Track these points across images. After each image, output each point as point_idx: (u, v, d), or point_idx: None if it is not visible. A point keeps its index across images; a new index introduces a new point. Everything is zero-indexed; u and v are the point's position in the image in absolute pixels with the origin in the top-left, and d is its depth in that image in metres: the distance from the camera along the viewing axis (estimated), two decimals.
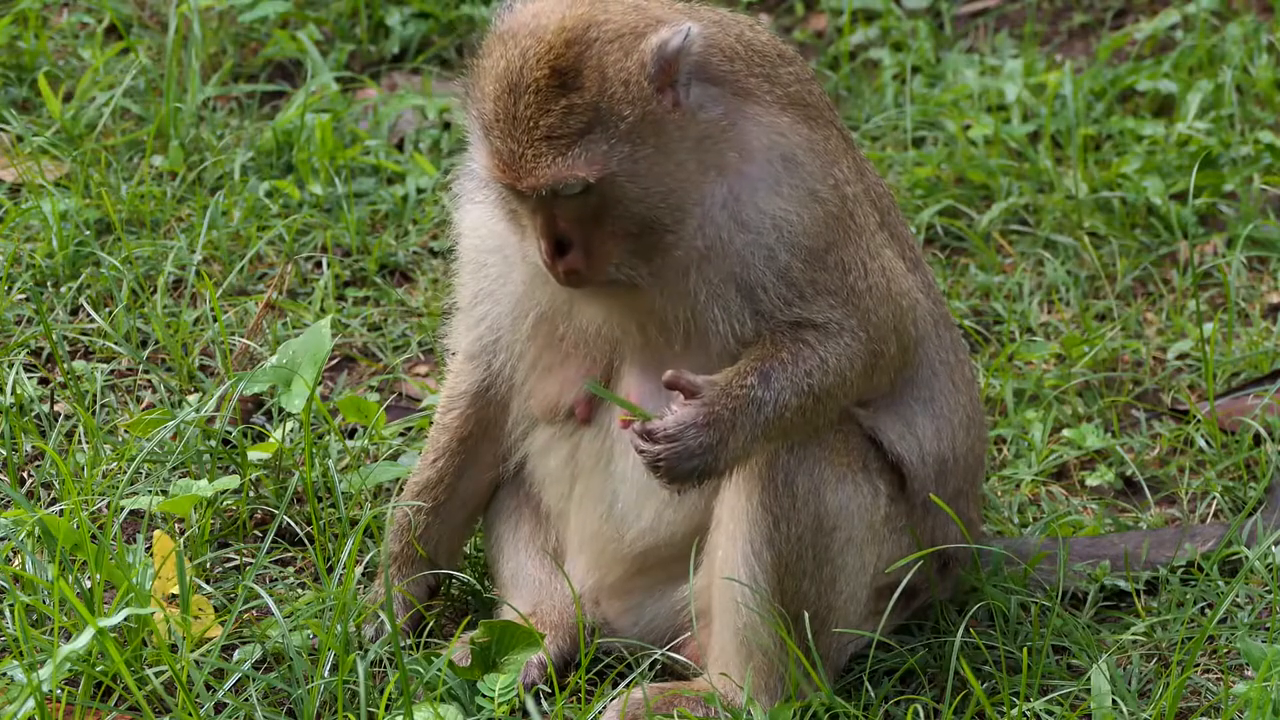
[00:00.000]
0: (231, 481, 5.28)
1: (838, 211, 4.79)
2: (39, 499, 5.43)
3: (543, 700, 4.92)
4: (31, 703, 4.48)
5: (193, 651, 4.78)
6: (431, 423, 5.21)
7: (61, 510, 5.16)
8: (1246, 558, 5.30)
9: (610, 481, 4.98)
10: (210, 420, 5.49)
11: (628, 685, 4.85)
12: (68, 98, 7.20)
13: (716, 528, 4.85)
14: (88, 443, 5.55)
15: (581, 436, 5.00)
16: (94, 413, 5.74)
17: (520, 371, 5.01)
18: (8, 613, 4.94)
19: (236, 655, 4.91)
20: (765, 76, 4.80)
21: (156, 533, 5.07)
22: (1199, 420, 5.95)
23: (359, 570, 5.14)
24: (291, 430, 5.55)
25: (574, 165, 4.57)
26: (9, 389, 5.67)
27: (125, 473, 5.34)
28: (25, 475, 5.53)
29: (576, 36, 4.59)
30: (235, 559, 5.31)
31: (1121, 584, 5.35)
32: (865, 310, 4.79)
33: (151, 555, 4.99)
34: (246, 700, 4.75)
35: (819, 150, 4.80)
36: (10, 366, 5.81)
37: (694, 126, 4.67)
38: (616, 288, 4.75)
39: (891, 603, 4.91)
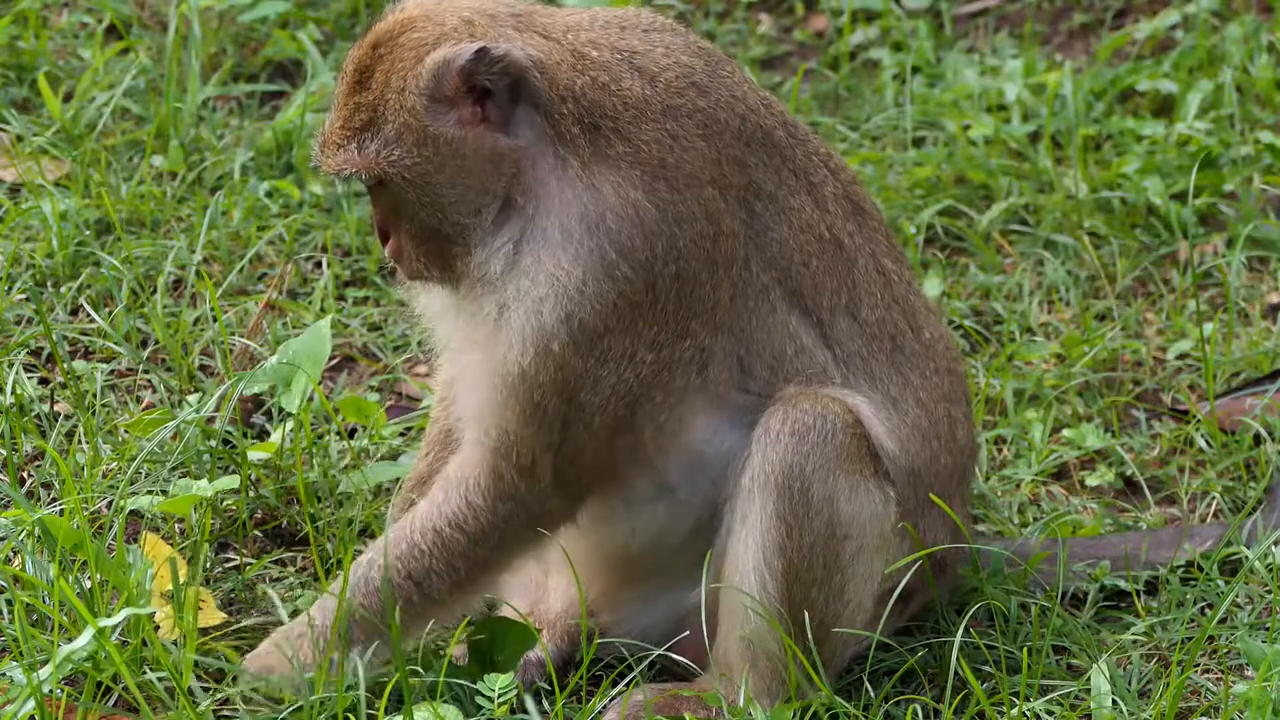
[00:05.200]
0: (231, 481, 5.27)
1: (635, 296, 4.63)
2: (39, 499, 5.43)
3: (543, 700, 4.91)
4: (31, 703, 4.48)
5: (196, 642, 4.78)
6: None
7: (61, 510, 5.16)
8: (1246, 558, 5.30)
9: None
10: (210, 420, 5.49)
11: (628, 685, 4.85)
12: (68, 98, 7.19)
13: (727, 534, 4.80)
14: (88, 443, 5.55)
15: None
16: (94, 413, 5.73)
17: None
18: (8, 613, 4.94)
19: None
20: (613, 131, 4.64)
21: (149, 535, 5.07)
22: (1199, 420, 5.95)
23: None
24: (292, 430, 5.55)
25: (349, 159, 4.66)
26: (9, 389, 5.67)
27: (125, 473, 5.34)
28: (25, 475, 5.53)
29: (386, 39, 4.66)
30: (235, 559, 5.31)
31: (1121, 584, 5.35)
32: (579, 427, 4.68)
33: (150, 560, 4.99)
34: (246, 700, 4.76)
35: (645, 220, 4.62)
36: (10, 366, 5.81)
37: (483, 149, 4.63)
38: (445, 288, 4.78)
39: (890, 605, 4.90)
